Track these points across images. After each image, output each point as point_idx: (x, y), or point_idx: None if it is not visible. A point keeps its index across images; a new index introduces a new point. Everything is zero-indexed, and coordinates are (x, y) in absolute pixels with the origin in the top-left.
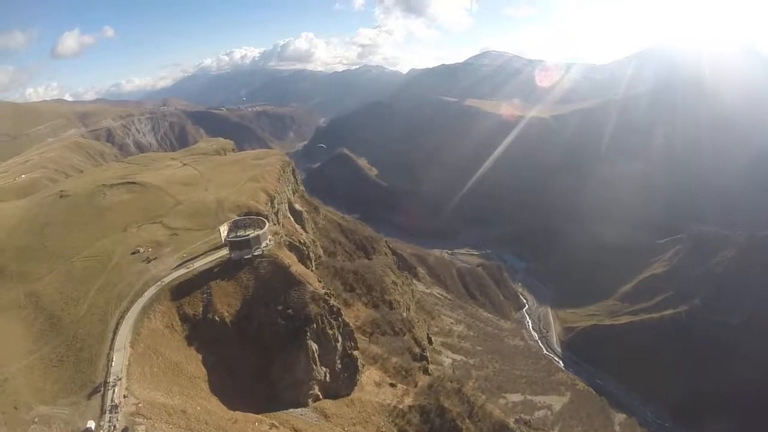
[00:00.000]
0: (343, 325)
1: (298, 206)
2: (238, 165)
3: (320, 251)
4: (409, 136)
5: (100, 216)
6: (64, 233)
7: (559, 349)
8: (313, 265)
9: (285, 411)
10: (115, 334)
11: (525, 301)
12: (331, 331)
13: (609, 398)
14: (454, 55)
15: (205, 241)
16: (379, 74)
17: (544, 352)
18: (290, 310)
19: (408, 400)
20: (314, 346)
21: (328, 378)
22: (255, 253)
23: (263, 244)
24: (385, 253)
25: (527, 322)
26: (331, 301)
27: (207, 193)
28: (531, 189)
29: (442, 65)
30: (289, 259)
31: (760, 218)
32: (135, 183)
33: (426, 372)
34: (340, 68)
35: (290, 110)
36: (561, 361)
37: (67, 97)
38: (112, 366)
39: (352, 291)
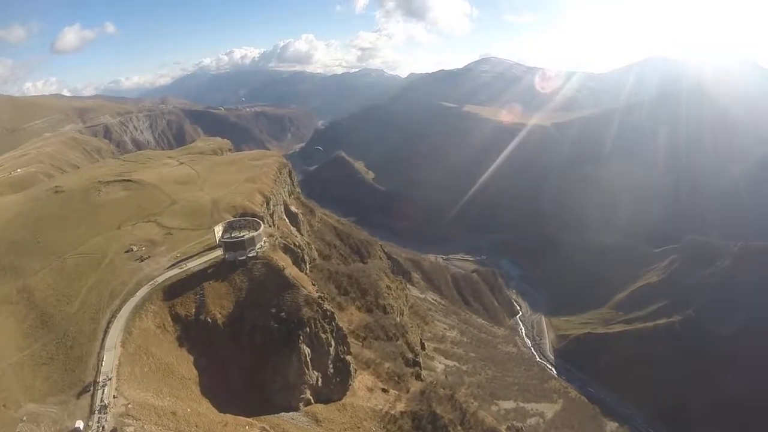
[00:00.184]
0: (336, 329)
1: (293, 208)
2: (235, 165)
3: (315, 254)
4: (406, 141)
5: (95, 213)
6: (59, 229)
7: (552, 357)
8: (308, 267)
9: (276, 415)
10: (106, 332)
11: (519, 308)
12: (324, 336)
13: (601, 406)
14: (454, 60)
15: (200, 242)
16: (378, 78)
17: (537, 359)
18: (283, 313)
19: (400, 406)
20: (307, 350)
21: (320, 382)
22: (249, 255)
23: (258, 245)
24: (380, 257)
25: (521, 329)
26: (325, 305)
27: (203, 192)
28: (528, 196)
29: (442, 70)
30: (283, 261)
31: (756, 229)
32: (131, 181)
33: (418, 378)
34: (339, 71)
35: (289, 112)
36: (554, 369)
37: (66, 93)
38: (102, 365)
39: (346, 294)
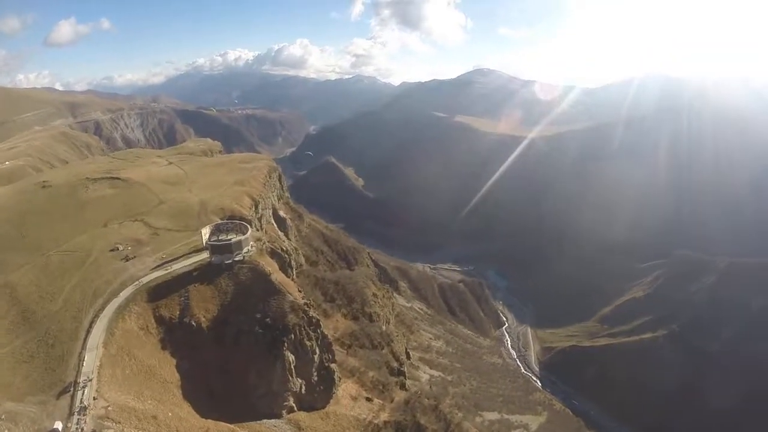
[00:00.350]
0: (321, 337)
1: (282, 213)
2: (225, 167)
3: (302, 259)
4: (397, 149)
5: (82, 210)
6: (44, 224)
7: (537, 369)
8: (294, 273)
9: (258, 422)
10: (88, 332)
11: (505, 319)
12: (309, 343)
13: (585, 419)
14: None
15: (186, 243)
16: (371, 85)
17: (522, 371)
18: (268, 319)
19: (384, 416)
20: (291, 357)
21: (303, 390)
22: (236, 259)
23: (245, 249)
24: (367, 265)
25: (506, 340)
26: (311, 312)
27: (191, 193)
28: (516, 208)
29: (435, 80)
30: (270, 266)
31: (744, 244)
32: (119, 179)
33: (403, 387)
34: (332, 77)
35: (280, 116)
36: (539, 381)
37: (58, 87)
38: (83, 366)
39: (332, 302)
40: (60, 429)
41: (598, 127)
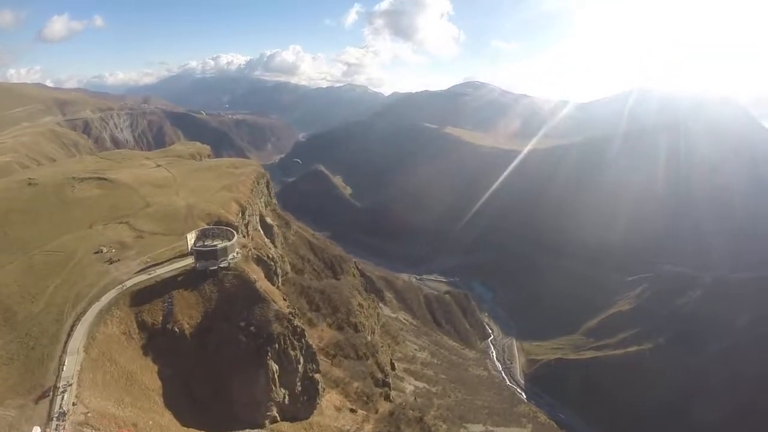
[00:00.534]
0: (306, 346)
1: (269, 220)
2: (213, 172)
3: (288, 267)
4: (385, 159)
5: (67, 209)
6: (28, 223)
7: (522, 381)
8: (280, 281)
9: (241, 431)
10: (69, 336)
11: (490, 331)
12: (293, 352)
13: None
14: (439, 82)
15: (171, 247)
16: (362, 94)
17: (508, 383)
18: (253, 328)
19: (368, 427)
20: (275, 367)
21: (287, 400)
22: (221, 265)
23: (230, 256)
24: (354, 275)
25: (492, 352)
26: (295, 321)
27: (178, 197)
28: (503, 220)
29: (425, 91)
30: (255, 273)
31: (737, 259)
32: (106, 179)
33: (388, 398)
34: (324, 84)
35: (270, 122)
36: (524, 393)
37: (48, 83)
38: (63, 370)
39: (318, 311)
40: None
41: (590, 142)
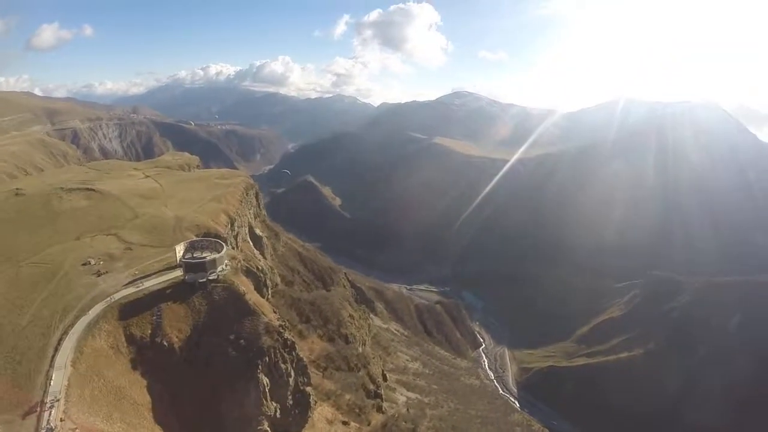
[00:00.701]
0: (296, 359)
1: (258, 231)
2: (202, 183)
3: (278, 279)
4: (375, 169)
5: (54, 220)
6: (15, 234)
7: (515, 390)
8: (270, 293)
9: None
10: (56, 350)
11: (482, 340)
12: (283, 366)
13: None
14: (427, 92)
15: (160, 260)
16: (351, 105)
17: (500, 392)
18: (242, 341)
19: None
20: (265, 380)
21: (278, 414)
22: (210, 278)
23: (219, 268)
24: (344, 285)
25: (484, 361)
26: (286, 334)
27: (166, 208)
28: (492, 229)
29: (414, 101)
30: (245, 286)
31: (726, 263)
32: (94, 190)
33: (380, 410)
34: (313, 95)
35: (260, 132)
36: (517, 402)
37: (37, 92)
38: (50, 385)
39: (308, 322)
40: None
41: (579, 150)
